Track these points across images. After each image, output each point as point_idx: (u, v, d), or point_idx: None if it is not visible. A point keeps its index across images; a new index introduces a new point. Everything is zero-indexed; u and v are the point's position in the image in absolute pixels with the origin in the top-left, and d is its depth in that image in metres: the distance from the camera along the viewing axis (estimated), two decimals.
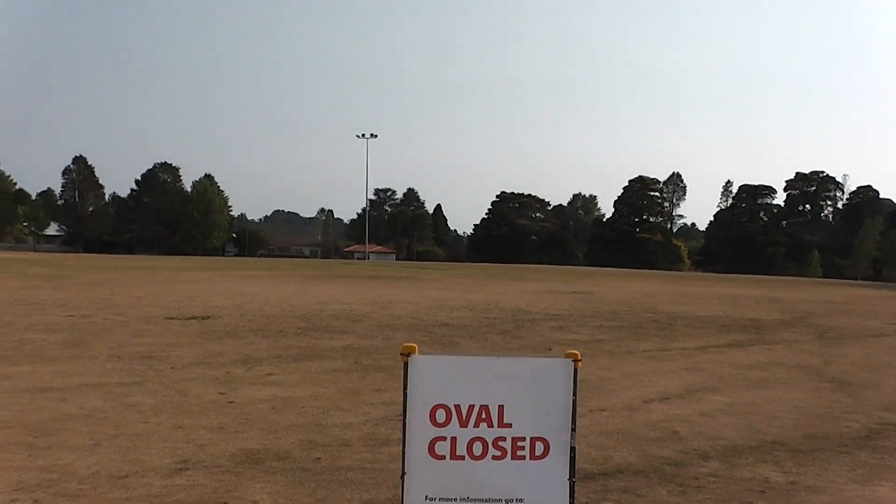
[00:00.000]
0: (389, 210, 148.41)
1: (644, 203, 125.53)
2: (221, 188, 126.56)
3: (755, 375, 12.15)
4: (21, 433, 7.16)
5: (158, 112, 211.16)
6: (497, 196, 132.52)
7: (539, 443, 3.99)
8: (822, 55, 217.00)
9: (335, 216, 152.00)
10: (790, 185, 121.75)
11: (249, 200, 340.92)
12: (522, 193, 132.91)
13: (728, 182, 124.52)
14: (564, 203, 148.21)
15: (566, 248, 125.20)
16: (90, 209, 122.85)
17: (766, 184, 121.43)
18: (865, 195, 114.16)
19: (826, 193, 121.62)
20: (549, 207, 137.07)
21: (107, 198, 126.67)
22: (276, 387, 9.90)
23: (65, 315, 17.84)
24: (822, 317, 24.29)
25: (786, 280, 67.27)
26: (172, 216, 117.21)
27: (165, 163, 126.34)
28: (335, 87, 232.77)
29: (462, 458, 3.92)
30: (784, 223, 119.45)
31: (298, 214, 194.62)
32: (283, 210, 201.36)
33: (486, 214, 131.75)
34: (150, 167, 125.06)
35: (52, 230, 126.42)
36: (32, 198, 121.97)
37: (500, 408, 3.94)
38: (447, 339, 15.18)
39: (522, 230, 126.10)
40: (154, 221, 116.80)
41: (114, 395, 9.01)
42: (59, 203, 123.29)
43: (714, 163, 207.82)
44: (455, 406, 3.92)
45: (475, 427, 3.91)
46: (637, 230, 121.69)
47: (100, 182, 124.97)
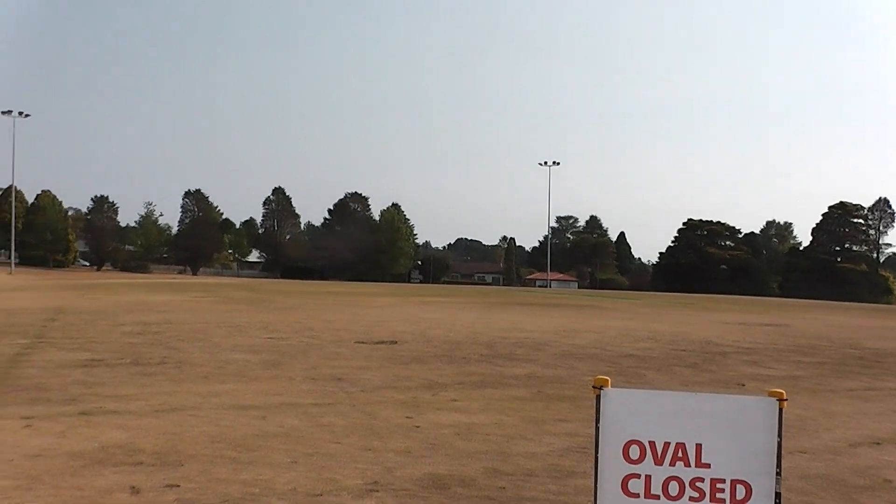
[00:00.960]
0: (571, 237, 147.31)
1: (846, 231, 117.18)
2: (407, 217, 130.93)
3: None
4: (226, 448, 7.64)
5: (350, 145, 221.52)
6: (684, 223, 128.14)
7: (740, 486, 3.75)
8: None
9: (517, 243, 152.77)
10: None
11: (434, 228, 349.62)
12: (711, 220, 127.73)
13: None
14: (756, 230, 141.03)
15: (758, 278, 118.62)
16: (287, 237, 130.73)
17: None
18: None
19: None
20: (740, 235, 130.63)
21: (302, 226, 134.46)
22: (461, 413, 9.99)
23: (265, 337, 18.98)
24: None
25: None
26: (361, 243, 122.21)
27: (356, 192, 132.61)
28: (518, 117, 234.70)
29: (657, 498, 3.75)
30: None
31: (481, 242, 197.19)
32: (466, 238, 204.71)
33: (672, 242, 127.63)
34: (342, 197, 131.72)
35: (254, 257, 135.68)
36: (236, 227, 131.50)
37: (698, 447, 3.74)
38: (632, 371, 14.77)
39: (711, 258, 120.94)
40: (344, 248, 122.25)
41: (309, 415, 9.43)
42: (260, 231, 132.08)
43: None
44: (650, 442, 3.76)
45: (671, 465, 3.73)
46: (838, 259, 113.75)
47: (296, 211, 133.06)
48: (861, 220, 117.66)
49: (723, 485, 3.74)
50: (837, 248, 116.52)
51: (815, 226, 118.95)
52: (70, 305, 31.23)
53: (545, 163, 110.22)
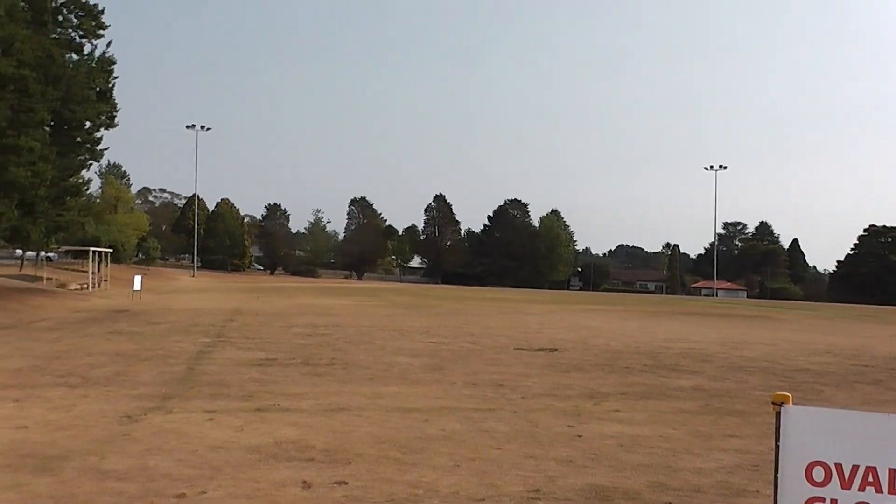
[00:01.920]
0: (739, 245, 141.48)
1: None
2: (567, 223, 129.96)
3: None
4: (392, 449, 7.83)
5: (509, 152, 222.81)
6: (865, 229, 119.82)
7: None
8: None
9: (681, 251, 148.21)
10: None
11: (594, 235, 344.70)
12: None
13: None
14: None
15: None
16: (447, 243, 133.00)
17: None
18: None
19: None
20: None
21: (462, 233, 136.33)
22: (624, 424, 9.76)
23: (426, 341, 19.36)
24: None
25: None
26: (520, 250, 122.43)
27: (515, 199, 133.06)
28: (681, 119, 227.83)
29: None
30: None
31: (643, 249, 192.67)
32: (628, 244, 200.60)
33: (852, 250, 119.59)
34: (501, 203, 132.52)
35: (415, 262, 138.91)
36: (399, 233, 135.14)
37: (892, 472, 3.44)
38: (808, 387, 13.91)
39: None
40: (503, 255, 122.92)
41: (470, 420, 9.51)
42: (422, 238, 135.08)
43: None
44: (836, 465, 3.49)
45: (860, 490, 3.45)
46: None
47: (456, 218, 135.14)
48: None
49: None
50: None
51: None
52: (246, 307, 33.16)
53: (711, 167, 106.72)
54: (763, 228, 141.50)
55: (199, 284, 69.21)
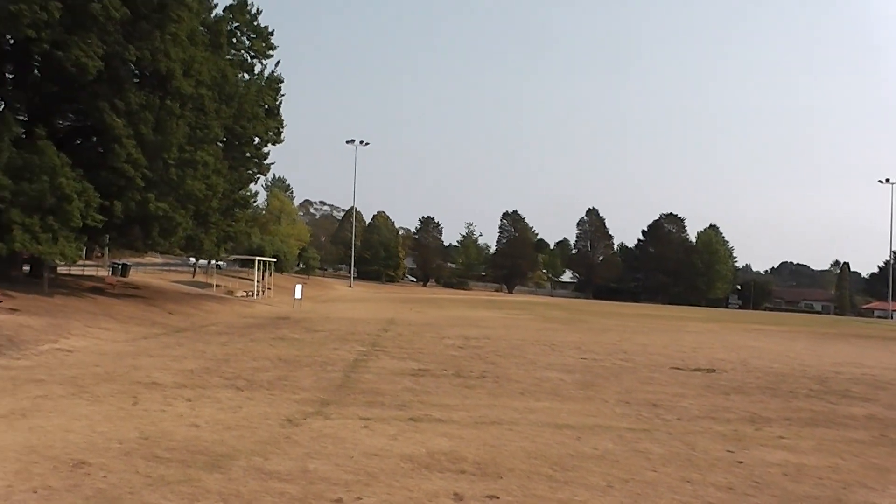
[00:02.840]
0: None
1: None
2: (726, 238, 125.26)
3: None
4: (544, 465, 7.76)
5: (664, 165, 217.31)
6: None
7: None
8: None
9: (851, 269, 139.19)
10: None
11: (755, 251, 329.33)
12: None
13: None
14: None
15: None
16: (600, 258, 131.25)
17: None
18: None
19: None
20: None
21: (615, 247, 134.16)
22: (789, 451, 9.24)
23: (578, 357, 19.11)
24: None
25: None
26: (676, 266, 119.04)
27: (671, 213, 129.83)
28: (853, 131, 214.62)
29: None
30: None
31: (808, 266, 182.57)
32: (792, 262, 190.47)
33: None
34: (656, 218, 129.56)
35: (566, 277, 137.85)
36: (550, 247, 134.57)
37: None
38: None
39: None
40: (658, 270, 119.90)
41: (623, 440, 9.29)
42: (573, 252, 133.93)
43: None
44: None
45: None
46: None
47: (609, 233, 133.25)
48: None
49: None
50: None
51: None
52: (400, 317, 33.97)
53: (886, 180, 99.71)
54: None
55: (356, 294, 71.58)
